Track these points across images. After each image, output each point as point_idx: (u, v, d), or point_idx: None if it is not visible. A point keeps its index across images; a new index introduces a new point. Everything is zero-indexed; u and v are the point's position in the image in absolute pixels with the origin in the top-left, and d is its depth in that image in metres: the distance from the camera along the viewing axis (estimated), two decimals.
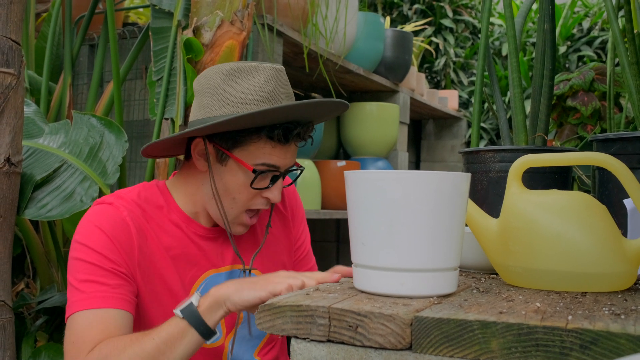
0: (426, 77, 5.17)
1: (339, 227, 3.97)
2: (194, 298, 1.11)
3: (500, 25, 5.31)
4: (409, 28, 4.56)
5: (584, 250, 0.89)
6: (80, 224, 1.23)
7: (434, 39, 5.21)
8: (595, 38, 4.78)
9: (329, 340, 0.74)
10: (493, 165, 1.25)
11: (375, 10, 5.26)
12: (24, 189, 1.70)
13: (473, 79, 5.36)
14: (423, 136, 4.98)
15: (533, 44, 4.82)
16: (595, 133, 2.05)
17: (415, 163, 4.96)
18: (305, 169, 2.66)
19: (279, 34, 2.40)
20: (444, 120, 4.88)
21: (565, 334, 0.65)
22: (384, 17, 3.70)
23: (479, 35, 5.41)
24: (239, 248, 1.34)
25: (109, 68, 2.51)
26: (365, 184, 0.84)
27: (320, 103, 1.22)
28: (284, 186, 1.32)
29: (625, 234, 1.07)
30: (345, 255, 3.86)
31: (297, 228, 1.48)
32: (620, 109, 2.08)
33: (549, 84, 1.37)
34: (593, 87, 2.10)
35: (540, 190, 0.97)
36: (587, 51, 4.70)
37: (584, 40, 4.80)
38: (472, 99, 5.10)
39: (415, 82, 3.85)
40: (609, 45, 1.69)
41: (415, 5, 5.28)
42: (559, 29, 4.71)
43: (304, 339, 0.75)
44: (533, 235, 0.91)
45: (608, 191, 1.15)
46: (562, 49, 4.76)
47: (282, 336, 1.21)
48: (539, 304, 0.78)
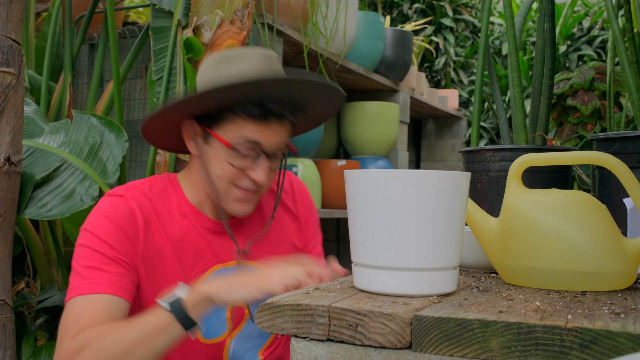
0: (426, 77, 5.17)
1: (339, 227, 3.97)
2: (182, 292, 1.11)
3: (501, 25, 5.31)
4: (409, 27, 4.55)
5: (583, 250, 0.89)
6: (90, 213, 1.27)
7: (434, 38, 5.21)
8: (596, 37, 4.78)
9: (328, 340, 0.74)
10: (493, 164, 1.25)
11: (376, 10, 5.26)
12: (24, 188, 1.70)
13: (473, 78, 5.36)
14: (423, 135, 4.98)
15: (533, 44, 4.82)
16: (595, 132, 2.05)
17: (416, 162, 4.96)
18: (305, 168, 2.68)
19: (279, 34, 2.40)
20: (444, 120, 4.88)
21: (565, 333, 0.65)
22: (384, 17, 3.70)
23: (479, 35, 5.40)
24: (243, 242, 1.35)
25: (109, 67, 2.51)
26: (365, 183, 0.84)
27: (294, 81, 1.22)
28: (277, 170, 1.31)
29: (625, 233, 1.07)
30: (346, 254, 3.86)
31: (309, 231, 1.47)
32: (620, 108, 2.08)
33: (549, 83, 1.37)
34: (593, 87, 2.10)
35: (540, 190, 0.97)
36: (587, 50, 4.69)
37: (584, 39, 4.80)
38: (472, 99, 5.10)
39: (416, 82, 3.84)
40: (609, 44, 1.69)
41: (416, 5, 5.27)
42: (559, 28, 4.71)
43: (304, 338, 0.75)
44: (533, 235, 0.91)
45: (608, 190, 1.15)
46: (562, 48, 4.76)
47: (282, 335, 1.22)
48: (538, 303, 0.78)
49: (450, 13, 5.26)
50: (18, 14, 1.61)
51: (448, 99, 4.62)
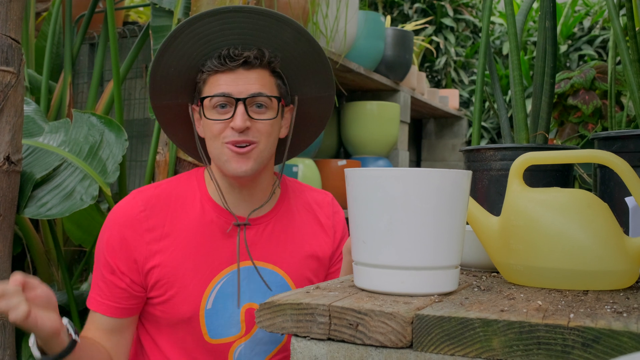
0: (427, 76, 5.17)
1: None
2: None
3: (501, 24, 5.31)
4: (409, 27, 4.55)
5: (585, 248, 0.89)
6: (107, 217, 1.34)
7: (434, 38, 5.20)
8: (596, 37, 4.78)
9: (329, 339, 0.74)
10: (494, 163, 1.25)
11: (376, 9, 5.25)
12: (24, 187, 1.70)
13: (474, 78, 5.36)
14: (424, 135, 4.97)
15: (534, 43, 4.82)
16: (596, 131, 2.05)
17: (416, 162, 4.96)
18: (305, 168, 2.67)
19: None
20: (445, 120, 4.88)
21: (567, 332, 0.65)
22: (385, 16, 3.70)
23: (480, 34, 5.40)
24: (256, 247, 1.34)
25: (109, 67, 2.51)
26: (365, 182, 0.84)
27: (226, 9, 1.28)
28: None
29: (626, 232, 1.07)
30: None
31: (339, 251, 1.46)
32: (622, 107, 2.07)
33: (550, 81, 1.37)
34: (594, 86, 2.09)
35: (541, 188, 0.97)
36: (588, 50, 4.69)
37: (584, 39, 4.80)
38: (473, 98, 5.09)
39: (416, 81, 3.84)
40: (610, 43, 1.68)
41: (416, 4, 5.27)
42: (559, 27, 4.71)
43: (304, 337, 0.75)
44: (534, 233, 0.91)
45: (609, 189, 1.14)
46: (563, 48, 4.76)
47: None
48: (540, 302, 0.78)
49: (450, 13, 5.26)
50: (18, 13, 1.61)
51: (448, 99, 4.62)
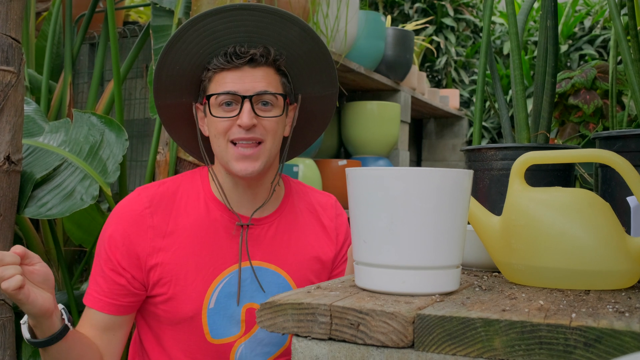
0: (427, 76, 5.16)
1: None
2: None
3: (502, 24, 5.30)
4: (410, 27, 4.55)
5: (587, 248, 0.88)
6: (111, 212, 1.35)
7: (435, 37, 5.20)
8: (597, 37, 4.77)
9: (330, 339, 0.74)
10: (495, 163, 1.25)
11: (376, 9, 5.25)
12: (24, 187, 1.69)
13: (474, 77, 5.35)
14: (424, 135, 4.97)
15: (534, 43, 4.81)
16: (597, 131, 2.04)
17: (417, 162, 4.96)
18: (305, 168, 2.67)
19: None
20: (445, 119, 4.88)
21: (569, 332, 0.64)
22: (385, 16, 3.69)
23: (480, 34, 5.40)
24: (260, 247, 1.34)
25: (110, 67, 2.51)
26: (366, 181, 0.84)
27: (230, 7, 1.26)
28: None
29: (628, 232, 1.07)
30: None
31: (341, 254, 1.46)
32: (623, 106, 2.07)
33: (552, 81, 1.37)
34: (595, 85, 2.09)
35: (543, 188, 0.96)
36: (589, 50, 4.69)
37: (585, 39, 4.79)
38: (474, 98, 5.09)
39: (417, 81, 3.84)
40: (611, 42, 1.68)
41: (416, 4, 5.27)
42: (560, 27, 4.70)
43: (306, 337, 0.75)
44: (536, 233, 0.91)
45: (611, 189, 1.14)
46: (564, 48, 4.75)
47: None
48: (542, 302, 0.78)
49: (451, 12, 5.25)
50: (18, 13, 1.60)
51: (449, 99, 4.62)
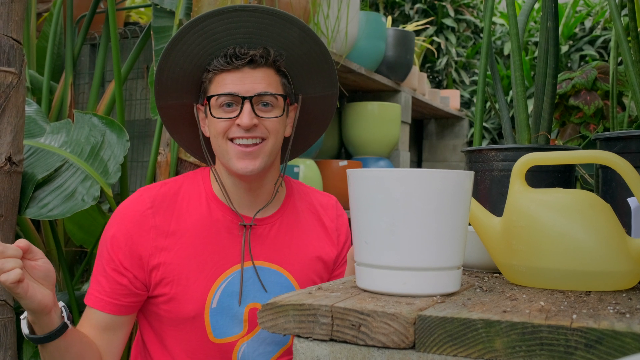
0: (428, 77, 5.16)
1: None
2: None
3: (502, 25, 5.30)
4: (410, 27, 4.55)
5: (588, 249, 0.88)
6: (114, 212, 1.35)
7: (435, 38, 5.20)
8: (598, 37, 4.77)
9: (331, 340, 0.74)
10: (496, 164, 1.25)
11: (377, 10, 5.25)
12: (25, 188, 1.70)
13: (475, 78, 5.35)
14: (425, 136, 4.97)
15: (535, 44, 4.81)
16: (598, 132, 2.04)
17: (417, 163, 4.96)
18: (306, 169, 2.67)
19: None
20: (446, 120, 4.88)
21: (570, 333, 0.64)
22: (386, 17, 3.70)
23: (481, 35, 5.40)
24: (262, 247, 1.34)
25: (111, 67, 2.51)
26: (367, 182, 0.84)
27: (229, 8, 1.27)
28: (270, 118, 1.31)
29: (629, 233, 1.07)
30: None
31: (342, 254, 1.47)
32: (623, 107, 2.07)
33: (552, 82, 1.37)
34: (596, 86, 2.09)
35: (543, 189, 0.97)
36: (589, 50, 4.69)
37: (586, 39, 4.79)
38: (474, 99, 5.09)
39: (417, 82, 3.84)
40: (612, 43, 1.68)
41: (417, 5, 5.27)
42: (561, 28, 4.70)
43: (307, 338, 0.75)
44: (536, 234, 0.91)
45: (611, 190, 1.14)
46: (564, 49, 4.75)
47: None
48: (543, 303, 0.78)
49: (451, 13, 5.25)
50: (19, 14, 1.61)
51: (450, 100, 4.62)
